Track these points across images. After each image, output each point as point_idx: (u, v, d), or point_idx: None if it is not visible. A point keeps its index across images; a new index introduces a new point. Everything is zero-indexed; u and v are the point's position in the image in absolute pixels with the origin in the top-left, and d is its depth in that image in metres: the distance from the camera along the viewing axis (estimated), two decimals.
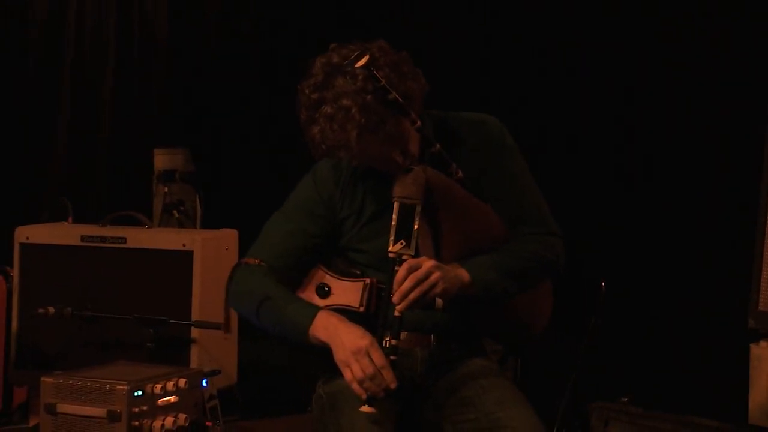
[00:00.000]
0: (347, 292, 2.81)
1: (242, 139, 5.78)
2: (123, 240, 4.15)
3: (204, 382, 3.59)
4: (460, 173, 2.76)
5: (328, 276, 2.84)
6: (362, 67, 2.60)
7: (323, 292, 2.83)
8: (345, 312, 2.75)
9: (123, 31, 5.66)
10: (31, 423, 4.29)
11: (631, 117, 4.53)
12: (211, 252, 4.10)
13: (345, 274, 2.83)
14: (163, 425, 3.28)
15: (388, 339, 2.61)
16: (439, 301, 2.67)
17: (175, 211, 5.29)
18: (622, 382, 3.98)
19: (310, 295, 2.83)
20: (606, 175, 4.56)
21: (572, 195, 4.46)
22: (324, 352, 2.67)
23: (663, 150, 4.45)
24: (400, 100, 2.63)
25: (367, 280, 2.80)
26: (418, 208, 2.65)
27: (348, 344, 2.61)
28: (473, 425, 2.70)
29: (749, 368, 3.58)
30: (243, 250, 4.21)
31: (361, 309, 2.78)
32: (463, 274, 2.68)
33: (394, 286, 2.59)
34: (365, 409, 2.58)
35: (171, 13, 5.81)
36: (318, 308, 2.73)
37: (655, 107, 4.47)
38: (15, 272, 4.26)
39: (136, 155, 5.62)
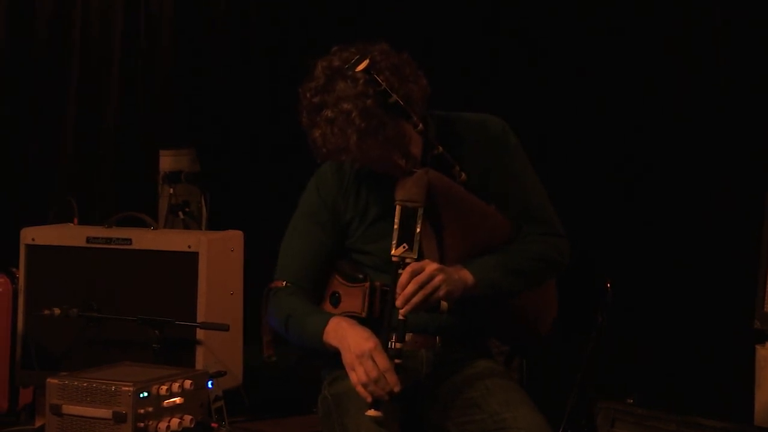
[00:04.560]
0: (352, 297, 2.82)
1: (248, 139, 5.78)
2: (128, 241, 4.15)
3: (209, 383, 3.59)
4: (464, 175, 2.76)
5: (338, 283, 2.85)
6: (362, 71, 2.60)
7: (335, 300, 2.84)
8: (352, 317, 2.76)
9: (129, 32, 5.66)
10: (37, 424, 4.29)
11: (639, 117, 4.53)
12: (217, 253, 4.10)
13: (350, 279, 2.84)
14: (168, 426, 3.28)
15: (393, 342, 2.61)
16: (444, 304, 2.67)
17: (180, 212, 5.30)
18: (627, 382, 3.98)
19: (328, 306, 2.85)
20: (613, 175, 4.55)
21: (579, 195, 4.46)
22: (336, 355, 2.68)
23: (670, 151, 4.45)
24: (401, 103, 2.63)
25: (367, 285, 2.80)
26: (420, 211, 2.65)
27: (353, 347, 2.62)
28: (479, 426, 2.70)
29: (755, 369, 3.57)
30: (248, 251, 4.24)
31: (363, 314, 2.78)
32: (467, 276, 2.68)
33: (397, 290, 2.60)
34: (371, 413, 2.58)
35: (177, 13, 5.82)
36: (331, 315, 2.75)
37: (663, 107, 4.47)
38: (21, 273, 4.27)
39: (142, 156, 5.62)
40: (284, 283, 2.86)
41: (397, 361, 2.59)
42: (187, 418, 3.35)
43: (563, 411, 3.19)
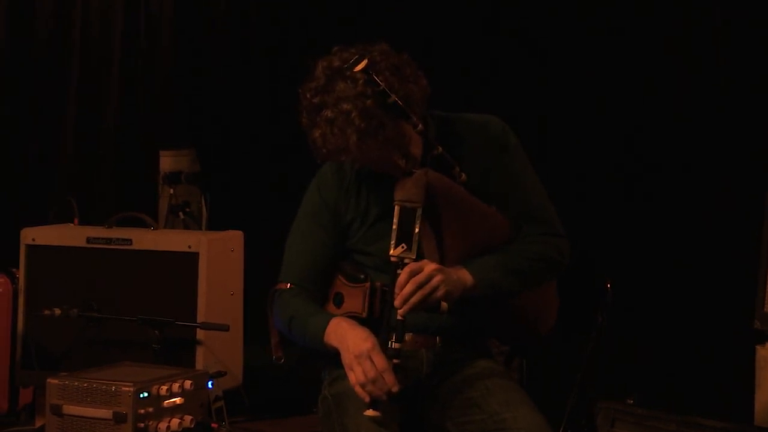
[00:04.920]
0: (354, 298, 2.82)
1: (248, 140, 5.78)
2: (129, 241, 4.15)
3: (210, 383, 3.59)
4: (464, 176, 2.76)
5: (341, 284, 2.86)
6: (361, 71, 2.60)
7: (338, 300, 2.85)
8: (352, 317, 2.76)
9: (129, 32, 5.66)
10: (37, 424, 4.29)
11: (639, 117, 4.53)
12: (217, 253, 4.10)
13: (352, 279, 2.84)
14: (168, 427, 3.28)
15: (392, 342, 2.61)
16: (444, 304, 2.67)
17: (180, 213, 5.30)
18: (628, 382, 3.98)
19: (332, 306, 2.86)
20: (613, 175, 4.55)
21: (579, 195, 4.46)
22: (337, 355, 2.69)
23: (670, 151, 4.45)
24: (400, 103, 2.63)
25: (367, 285, 2.81)
26: (419, 212, 2.65)
27: (352, 348, 2.63)
28: (479, 426, 2.70)
29: (755, 369, 3.57)
30: (248, 252, 4.24)
31: (364, 314, 2.79)
32: (466, 276, 2.68)
33: (396, 290, 2.60)
34: (369, 413, 2.58)
35: (177, 13, 5.82)
36: (332, 316, 2.76)
37: (663, 107, 4.47)
38: (21, 273, 4.27)
39: (142, 156, 5.62)
40: (288, 284, 2.86)
41: (395, 361, 2.59)
42: (188, 418, 3.35)
43: (563, 411, 3.19)
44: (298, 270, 2.87)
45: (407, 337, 2.72)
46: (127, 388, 3.21)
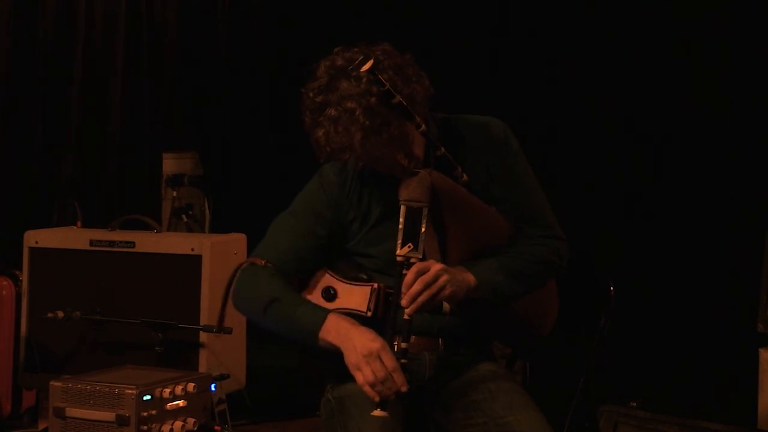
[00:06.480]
0: (354, 296, 2.80)
1: (250, 142, 5.79)
2: (132, 244, 4.16)
3: (213, 386, 3.59)
4: (466, 176, 2.76)
5: (334, 279, 2.84)
6: (366, 71, 2.60)
7: (329, 295, 2.82)
8: (351, 316, 2.75)
9: (132, 36, 5.67)
10: (40, 427, 4.30)
11: (641, 121, 4.53)
12: (220, 256, 4.10)
13: (352, 278, 2.83)
14: (171, 429, 3.28)
15: (397, 342, 2.61)
16: (446, 305, 2.67)
17: (183, 215, 5.31)
18: (630, 385, 3.98)
19: (316, 298, 2.82)
20: (616, 178, 4.55)
21: (583, 198, 4.46)
22: (334, 356, 2.67)
23: (673, 154, 4.45)
24: (404, 103, 2.63)
25: (375, 285, 2.80)
26: (425, 211, 2.64)
27: (359, 347, 2.61)
28: (482, 429, 2.70)
29: (758, 372, 3.58)
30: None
31: (368, 314, 2.77)
32: (470, 277, 2.68)
33: (403, 290, 2.59)
34: (377, 413, 2.57)
35: (180, 17, 5.83)
36: (327, 311, 2.73)
37: (666, 110, 4.47)
38: (24, 276, 4.27)
39: (145, 159, 5.63)
40: (265, 262, 2.82)
41: (403, 360, 2.58)
42: (191, 420, 3.34)
43: (566, 414, 3.19)
44: (280, 251, 2.82)
45: (411, 338, 2.71)
46: (130, 391, 3.21)
